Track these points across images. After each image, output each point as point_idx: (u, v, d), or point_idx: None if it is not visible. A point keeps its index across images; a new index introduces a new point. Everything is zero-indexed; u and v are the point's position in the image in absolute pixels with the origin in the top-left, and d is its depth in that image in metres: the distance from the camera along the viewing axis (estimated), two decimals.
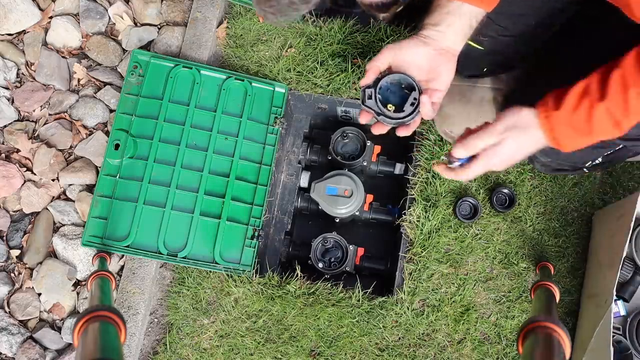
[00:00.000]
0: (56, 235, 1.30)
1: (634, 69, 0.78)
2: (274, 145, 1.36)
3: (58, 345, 1.26)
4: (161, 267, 1.35)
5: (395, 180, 1.43)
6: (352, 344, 1.25)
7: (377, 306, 1.26)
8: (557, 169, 1.17)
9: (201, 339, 1.28)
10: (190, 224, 1.29)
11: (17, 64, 1.42)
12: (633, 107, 0.80)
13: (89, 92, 1.42)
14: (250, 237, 1.30)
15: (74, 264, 1.29)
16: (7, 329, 1.23)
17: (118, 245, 1.26)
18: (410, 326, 1.26)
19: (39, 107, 1.40)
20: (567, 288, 1.28)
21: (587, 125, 0.83)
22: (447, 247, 1.30)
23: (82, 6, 1.46)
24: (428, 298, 1.27)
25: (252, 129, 1.36)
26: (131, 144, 1.30)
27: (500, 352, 1.26)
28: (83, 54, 1.46)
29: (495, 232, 1.31)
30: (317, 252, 1.32)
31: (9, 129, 1.36)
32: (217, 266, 1.27)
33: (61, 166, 1.34)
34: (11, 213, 1.33)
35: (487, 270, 1.29)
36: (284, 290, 1.27)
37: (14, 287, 1.28)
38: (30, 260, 1.29)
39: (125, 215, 1.28)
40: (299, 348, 1.26)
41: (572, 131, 0.84)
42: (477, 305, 1.27)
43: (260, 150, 1.36)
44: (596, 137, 0.86)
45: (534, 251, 1.30)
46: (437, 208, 1.30)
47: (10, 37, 1.44)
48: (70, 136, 1.37)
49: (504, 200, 1.32)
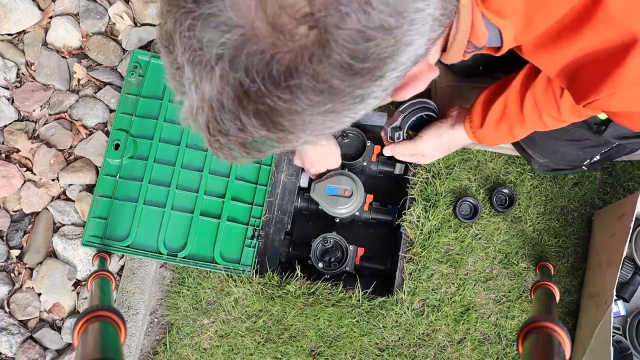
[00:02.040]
0: (56, 235, 1.30)
1: (543, 94, 0.88)
2: None
3: (58, 345, 1.26)
4: (161, 267, 1.34)
5: (395, 180, 1.43)
6: (352, 344, 1.25)
7: (377, 306, 1.26)
8: (555, 168, 1.17)
9: (201, 339, 1.28)
10: (190, 224, 1.29)
11: (17, 64, 1.42)
12: (547, 123, 0.92)
13: (89, 92, 1.42)
14: (250, 237, 1.30)
15: (74, 264, 1.29)
16: (7, 329, 1.23)
17: (118, 245, 1.26)
18: (410, 326, 1.26)
19: (39, 107, 1.40)
20: (567, 288, 1.28)
21: (509, 136, 0.98)
22: (447, 247, 1.30)
23: (82, 6, 1.46)
24: (428, 298, 1.27)
25: None
26: (131, 144, 1.30)
27: (500, 352, 1.26)
28: (83, 54, 1.45)
29: (495, 232, 1.31)
30: (317, 252, 1.32)
31: (9, 129, 1.36)
32: (217, 266, 1.27)
33: (61, 166, 1.34)
34: (11, 213, 1.33)
35: (487, 270, 1.29)
36: (284, 290, 1.27)
37: (14, 287, 1.28)
38: (30, 260, 1.29)
39: (125, 215, 1.28)
40: (299, 348, 1.26)
41: (495, 140, 1.01)
42: (477, 305, 1.27)
43: None
44: (516, 139, 1.01)
45: (534, 251, 1.30)
46: (437, 208, 1.30)
47: (10, 37, 1.44)
48: (70, 136, 1.37)
49: (504, 200, 1.32)
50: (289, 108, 0.43)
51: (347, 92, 0.43)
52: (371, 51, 0.42)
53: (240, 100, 0.43)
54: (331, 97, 0.43)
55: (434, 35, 0.48)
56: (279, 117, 0.44)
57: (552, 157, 1.11)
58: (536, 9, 0.52)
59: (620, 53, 0.53)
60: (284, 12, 0.39)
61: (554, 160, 1.13)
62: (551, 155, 1.11)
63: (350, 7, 0.39)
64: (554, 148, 1.08)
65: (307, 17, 0.39)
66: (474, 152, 1.33)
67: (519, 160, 1.33)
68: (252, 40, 0.41)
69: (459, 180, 1.32)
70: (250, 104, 0.43)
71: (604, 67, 0.55)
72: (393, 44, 0.43)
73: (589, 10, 0.52)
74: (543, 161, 1.14)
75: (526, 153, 1.15)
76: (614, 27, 0.52)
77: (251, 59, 0.41)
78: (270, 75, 0.41)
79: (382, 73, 0.44)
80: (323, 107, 0.44)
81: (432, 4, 0.45)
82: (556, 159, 1.11)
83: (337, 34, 0.40)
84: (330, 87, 0.42)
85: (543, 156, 1.12)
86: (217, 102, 0.44)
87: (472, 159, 1.33)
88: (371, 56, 0.42)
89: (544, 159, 1.13)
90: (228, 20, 0.40)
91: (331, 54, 0.41)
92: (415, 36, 0.44)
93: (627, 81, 0.55)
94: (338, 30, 0.40)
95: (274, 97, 0.42)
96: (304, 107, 0.43)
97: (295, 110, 0.43)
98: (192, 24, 0.41)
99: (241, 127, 0.45)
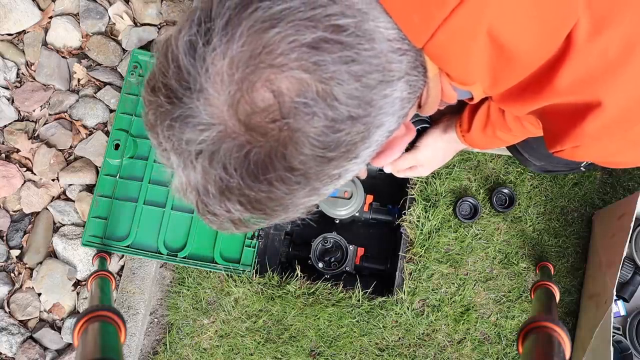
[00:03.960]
0: (56, 235, 1.30)
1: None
2: None
3: (58, 345, 1.25)
4: (161, 267, 1.34)
5: (395, 180, 1.43)
6: (352, 344, 1.25)
7: (377, 306, 1.26)
8: (552, 170, 1.17)
9: (201, 339, 1.28)
10: (190, 223, 1.29)
11: (17, 64, 1.42)
12: (532, 131, 0.92)
13: (89, 92, 1.41)
14: (250, 237, 1.30)
15: (74, 264, 1.29)
16: (7, 329, 1.23)
17: (118, 245, 1.26)
18: (410, 326, 1.26)
19: (39, 107, 1.40)
20: (567, 288, 1.28)
21: (496, 140, 0.98)
22: (447, 247, 1.30)
23: (82, 6, 1.46)
24: (428, 298, 1.27)
25: None
26: (131, 143, 1.30)
27: (500, 352, 1.26)
28: (83, 54, 1.45)
29: (495, 232, 1.31)
30: (317, 252, 1.32)
31: (9, 129, 1.36)
32: (217, 266, 1.27)
33: (61, 166, 1.34)
34: (11, 213, 1.33)
35: (487, 270, 1.29)
36: (284, 290, 1.27)
37: (14, 287, 1.28)
38: (30, 260, 1.29)
39: (125, 215, 1.28)
40: (298, 348, 1.26)
41: (484, 144, 1.01)
42: (477, 305, 1.27)
43: None
44: (505, 144, 1.02)
45: (534, 251, 1.30)
46: (437, 208, 1.30)
47: (10, 37, 1.44)
48: (70, 136, 1.37)
49: (504, 200, 1.32)
50: (269, 197, 0.45)
51: (324, 173, 0.45)
52: (342, 140, 0.44)
53: (222, 192, 0.45)
54: (308, 181, 0.45)
55: (404, 112, 0.49)
56: (261, 205, 0.46)
57: (547, 160, 1.11)
58: (501, 70, 0.53)
59: (582, 112, 0.53)
60: (255, 114, 0.41)
61: (551, 163, 1.13)
62: (546, 158, 1.11)
63: (317, 107, 0.41)
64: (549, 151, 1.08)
65: (277, 122, 0.41)
66: (474, 153, 1.33)
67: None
68: (229, 136, 0.42)
69: (459, 180, 1.32)
70: (232, 195, 0.45)
71: (567, 122, 0.56)
72: (363, 130, 0.44)
73: (542, 82, 0.53)
74: (540, 164, 1.14)
75: (522, 156, 1.15)
76: (572, 95, 0.53)
77: (228, 154, 0.43)
78: (247, 170, 0.43)
79: (356, 154, 0.46)
80: (302, 191, 0.46)
81: (398, 88, 0.46)
82: (552, 161, 1.11)
83: (307, 131, 0.42)
84: (305, 174, 0.44)
85: (539, 159, 1.12)
86: (203, 189, 0.46)
87: (472, 159, 1.33)
88: (342, 144, 0.44)
89: (541, 162, 1.13)
90: (204, 120, 0.42)
91: (302, 149, 0.43)
92: (385, 118, 0.46)
93: (588, 137, 0.55)
94: (308, 128, 0.42)
95: (254, 189, 0.44)
96: (282, 195, 0.45)
97: (276, 198, 0.45)
98: (170, 124, 0.44)
99: (227, 210, 0.47)
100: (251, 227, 0.51)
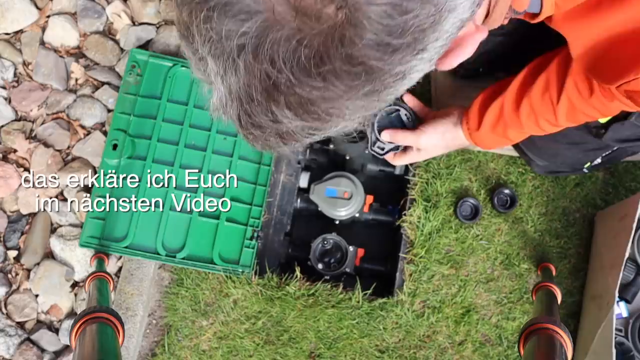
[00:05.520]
0: (54, 236, 1.29)
1: (540, 100, 0.87)
2: None
3: (56, 347, 1.25)
4: (159, 268, 1.34)
5: (395, 180, 1.43)
6: (352, 345, 1.25)
7: (377, 307, 1.25)
8: (556, 170, 1.17)
9: (200, 340, 1.27)
10: (189, 224, 1.28)
11: (14, 63, 1.41)
12: (544, 128, 0.91)
13: (87, 92, 1.41)
14: (250, 238, 1.29)
15: (71, 265, 1.29)
16: (4, 331, 1.22)
17: (116, 246, 1.25)
18: (411, 328, 1.25)
19: (36, 106, 1.39)
20: (568, 289, 1.28)
21: (505, 139, 0.97)
22: (448, 248, 1.29)
23: (80, 5, 1.45)
24: (428, 299, 1.26)
25: None
26: (129, 144, 1.29)
27: (502, 354, 1.25)
28: (81, 53, 1.45)
29: (496, 233, 1.30)
30: (317, 253, 1.31)
31: (6, 129, 1.35)
32: (215, 267, 1.27)
33: (59, 166, 1.34)
34: (8, 214, 1.32)
35: (488, 272, 1.29)
36: (283, 292, 1.26)
37: (11, 288, 1.28)
38: (27, 261, 1.28)
39: (123, 216, 1.27)
40: (298, 350, 1.25)
41: (491, 143, 0.99)
42: (478, 307, 1.27)
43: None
44: (512, 142, 1.01)
45: (536, 252, 1.29)
46: (437, 209, 1.29)
47: (7, 36, 1.44)
48: (68, 136, 1.36)
49: (505, 200, 1.31)
50: (323, 96, 0.40)
51: (386, 71, 0.40)
52: (410, 24, 0.37)
53: (269, 93, 0.40)
54: (369, 78, 0.39)
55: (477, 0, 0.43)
56: (313, 107, 0.41)
57: (552, 160, 1.11)
58: None
59: None
60: None
61: (554, 163, 1.12)
62: (551, 158, 1.10)
63: None
64: (554, 151, 1.07)
65: (333, 2, 0.36)
66: (475, 153, 1.33)
67: (520, 161, 1.32)
68: (275, 26, 0.37)
69: (460, 180, 1.31)
70: (281, 95, 0.40)
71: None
72: (434, 12, 0.38)
73: None
74: (543, 164, 1.14)
75: (526, 155, 1.14)
76: None
77: (276, 47, 0.37)
78: (299, 63, 0.38)
79: (423, 46, 0.40)
80: (362, 90, 0.40)
81: None
82: (556, 161, 1.11)
83: (369, 10, 0.36)
84: (367, 69, 0.39)
85: (543, 159, 1.12)
86: (246, 94, 0.41)
87: (473, 159, 1.33)
88: (410, 29, 0.38)
89: (544, 162, 1.13)
90: (246, 8, 0.37)
91: (364, 34, 0.37)
92: (459, 0, 0.40)
93: None
94: (370, 7, 0.36)
95: (306, 87, 0.39)
96: (340, 93, 0.40)
97: (330, 98, 0.40)
98: (207, 15, 0.38)
99: (274, 119, 0.42)
100: (301, 139, 0.45)
